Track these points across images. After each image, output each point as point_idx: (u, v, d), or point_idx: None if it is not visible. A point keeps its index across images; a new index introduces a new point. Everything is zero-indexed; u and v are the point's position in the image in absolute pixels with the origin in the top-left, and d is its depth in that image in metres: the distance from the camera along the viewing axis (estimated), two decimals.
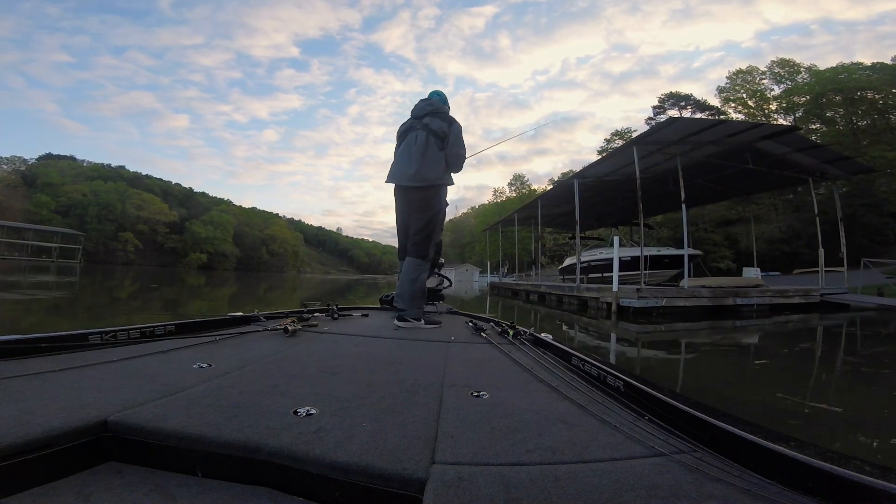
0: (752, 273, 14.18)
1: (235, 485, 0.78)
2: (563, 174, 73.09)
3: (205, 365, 1.37)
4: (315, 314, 2.80)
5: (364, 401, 1.08)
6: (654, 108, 46.48)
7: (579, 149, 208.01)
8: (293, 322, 2.20)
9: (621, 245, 16.92)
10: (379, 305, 3.64)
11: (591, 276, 16.37)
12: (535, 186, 79.08)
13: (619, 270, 13.68)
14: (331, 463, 0.74)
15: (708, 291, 9.93)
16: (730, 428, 0.84)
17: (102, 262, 65.60)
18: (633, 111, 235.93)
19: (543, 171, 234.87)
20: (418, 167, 2.68)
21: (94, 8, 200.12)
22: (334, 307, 2.98)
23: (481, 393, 1.21)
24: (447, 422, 0.97)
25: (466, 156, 2.91)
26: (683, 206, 11.21)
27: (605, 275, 14.59)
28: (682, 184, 10.79)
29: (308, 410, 0.97)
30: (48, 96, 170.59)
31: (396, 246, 3.11)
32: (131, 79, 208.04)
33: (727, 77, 44.93)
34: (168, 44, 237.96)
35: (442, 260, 3.57)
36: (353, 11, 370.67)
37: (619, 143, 47.18)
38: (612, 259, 14.39)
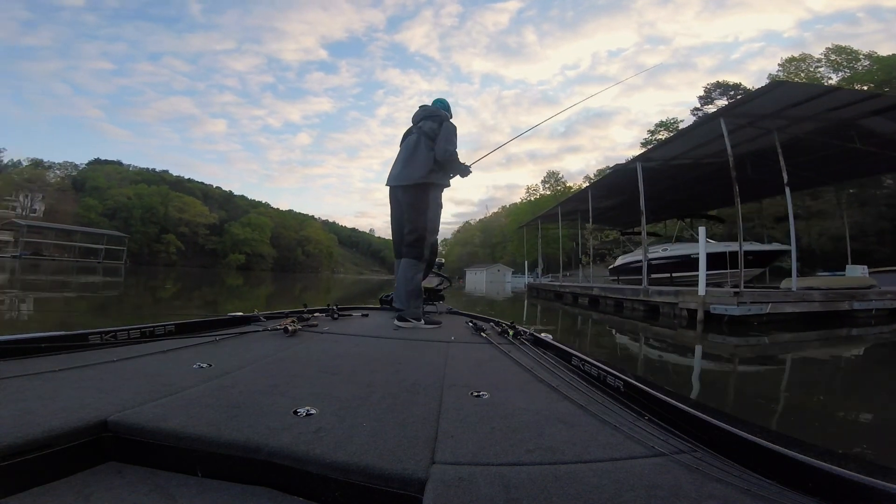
0: (858, 272, 11.94)
1: (235, 485, 0.79)
2: (599, 171, 70.12)
3: (205, 365, 1.39)
4: (315, 314, 2.83)
5: (364, 401, 1.10)
6: (700, 98, 43.89)
7: (613, 145, 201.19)
8: (293, 322, 2.22)
9: (662, 243, 14.96)
10: (379, 305, 3.65)
11: (651, 276, 14.59)
12: (569, 184, 76.15)
13: (686, 270, 11.83)
14: (331, 463, 0.75)
15: (820, 294, 8.42)
16: (730, 428, 0.85)
17: (146, 263, 69.22)
18: (669, 105, 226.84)
19: (576, 168, 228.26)
20: (403, 166, 2.82)
21: (128, 15, 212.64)
22: (334, 307, 3.02)
23: (481, 393, 1.22)
24: (447, 422, 0.98)
25: (486, 154, 3.27)
26: (787, 189, 9.34)
27: (674, 275, 12.64)
28: (782, 164, 8.86)
29: (308, 410, 0.99)
30: (92, 103, 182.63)
31: None
32: (169, 84, 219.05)
33: (779, 65, 42.10)
34: (201, 49, 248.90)
35: (442, 260, 3.57)
36: (377, 11, 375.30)
37: (664, 134, 44.44)
38: (680, 256, 12.64)
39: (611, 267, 19.30)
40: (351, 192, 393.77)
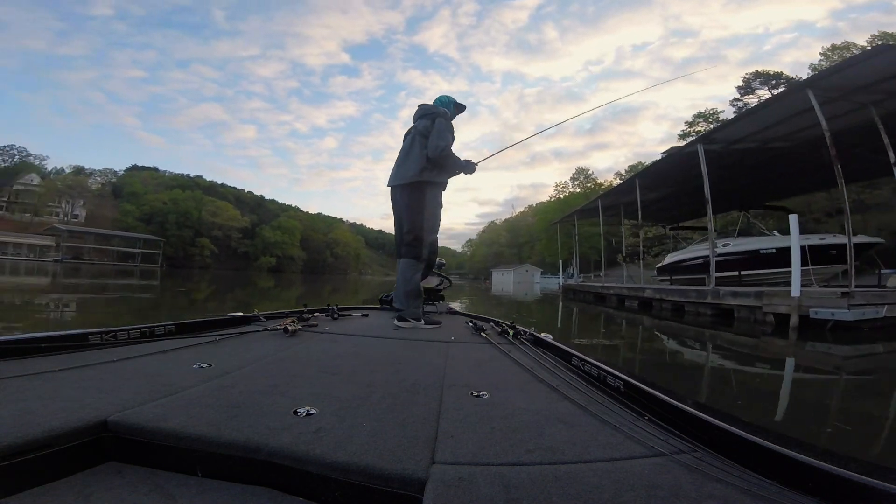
0: None
1: (235, 485, 0.80)
2: (631, 167, 67.86)
3: (205, 365, 1.41)
4: (315, 314, 2.83)
5: (364, 401, 1.11)
6: (739, 88, 41.42)
7: (642, 141, 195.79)
8: (293, 322, 2.23)
9: (722, 237, 13.41)
10: (379, 305, 3.66)
11: (693, 276, 13.21)
12: (599, 180, 73.93)
13: (755, 268, 10.42)
14: (331, 463, 0.76)
15: None
16: (730, 428, 0.84)
17: (181, 266, 71.75)
18: (700, 99, 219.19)
19: (604, 165, 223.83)
20: (399, 166, 2.85)
21: (154, 23, 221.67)
22: (334, 307, 3.03)
23: (481, 393, 1.22)
24: (447, 422, 0.98)
25: (494, 153, 3.45)
26: None
27: (743, 273, 11.12)
28: (887, 142, 7.44)
29: (308, 410, 1.00)
30: (128, 111, 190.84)
31: (448, 248, 3.81)
32: (199, 91, 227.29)
33: (821, 54, 39.70)
34: (227, 55, 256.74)
35: (442, 260, 3.49)
36: (395, 13, 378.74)
37: (703, 126, 42.16)
38: (747, 252, 11.26)
39: (659, 266, 17.73)
40: (377, 195, 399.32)
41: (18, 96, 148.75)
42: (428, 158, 2.76)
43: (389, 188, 2.99)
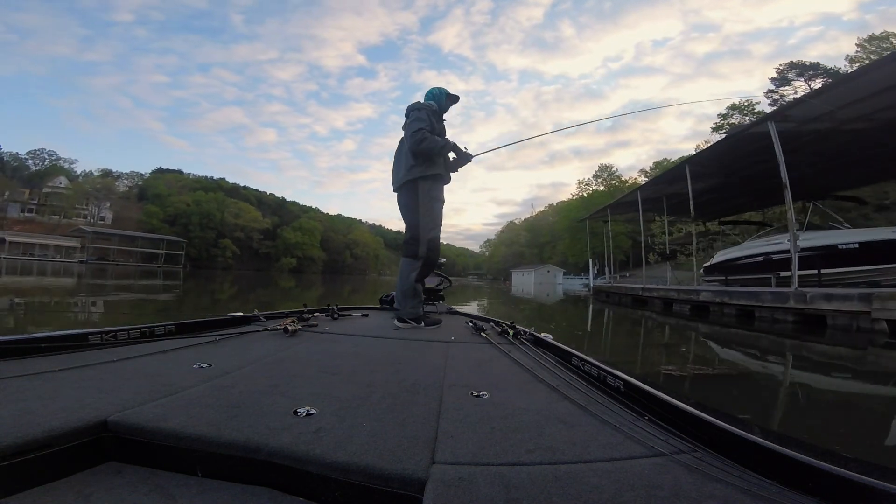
0: None
1: (235, 485, 0.81)
2: (656, 163, 65.82)
3: (205, 365, 1.43)
4: (315, 314, 2.87)
5: (364, 401, 1.12)
6: (773, 79, 39.58)
7: (665, 138, 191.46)
8: (293, 322, 2.27)
9: (780, 232, 11.98)
10: (379, 305, 3.65)
11: (752, 276, 11.79)
12: (624, 177, 71.89)
13: (834, 266, 9.10)
14: (331, 463, 0.77)
15: None
16: (730, 428, 0.84)
17: (205, 266, 72.93)
18: (724, 95, 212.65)
19: (626, 163, 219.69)
20: (394, 171, 2.91)
21: (174, 28, 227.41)
22: (334, 307, 3.08)
23: (481, 393, 1.22)
24: (447, 422, 0.99)
25: (493, 148, 3.21)
26: None
27: (824, 272, 9.64)
28: None
29: (308, 410, 1.01)
30: (153, 115, 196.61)
31: (466, 248, 3.89)
32: (220, 95, 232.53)
33: (857, 45, 37.93)
34: (246, 59, 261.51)
35: (443, 259, 3.38)
36: (409, 14, 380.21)
37: (737, 118, 40.09)
38: (822, 248, 9.88)
39: (707, 265, 16.18)
40: (395, 196, 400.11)
41: (48, 101, 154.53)
42: (412, 154, 2.77)
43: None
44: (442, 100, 3.06)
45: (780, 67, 39.63)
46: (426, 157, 2.78)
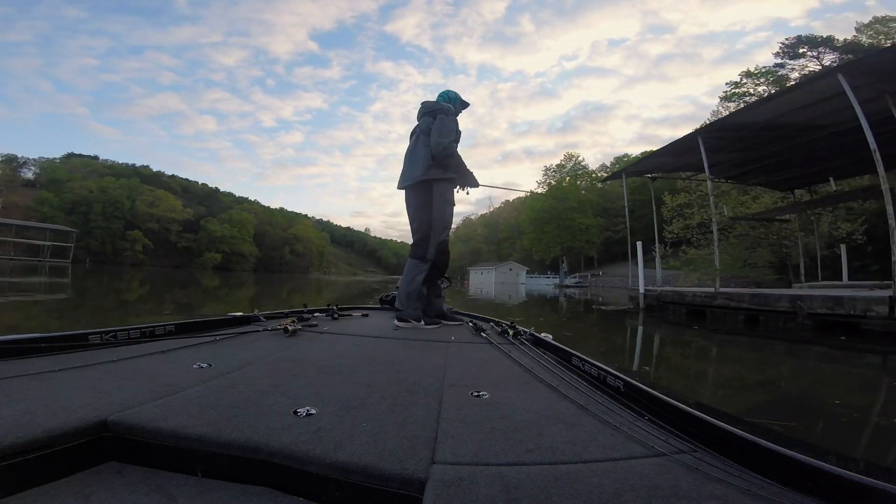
0: None
1: (235, 485, 0.81)
2: (603, 165, 66.61)
3: (205, 365, 1.44)
4: (315, 314, 2.90)
5: (364, 401, 1.13)
6: (776, 54, 39.71)
7: (613, 141, 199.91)
8: (293, 322, 2.27)
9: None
10: (379, 305, 3.72)
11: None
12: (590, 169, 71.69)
13: None
14: (331, 463, 0.78)
15: None
16: (730, 428, 0.86)
17: (110, 262, 63.78)
18: (672, 98, 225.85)
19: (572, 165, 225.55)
20: (407, 168, 2.87)
21: (110, 7, 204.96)
22: (334, 307, 3.10)
23: (481, 393, 1.25)
24: (447, 422, 1.00)
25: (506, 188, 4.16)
26: None
27: None
28: None
29: (308, 410, 1.02)
30: (78, 100, 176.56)
31: None
32: (154, 80, 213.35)
33: (856, 29, 38.69)
34: (186, 41, 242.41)
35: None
36: (369, 0, 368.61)
37: (750, 86, 39.43)
38: None
39: None
40: (347, 192, 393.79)
41: None
42: (433, 157, 2.75)
43: (404, 192, 3.00)
44: (457, 103, 3.08)
45: (784, 43, 38.88)
46: (443, 165, 2.79)
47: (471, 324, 2.77)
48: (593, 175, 67.25)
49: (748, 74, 41.96)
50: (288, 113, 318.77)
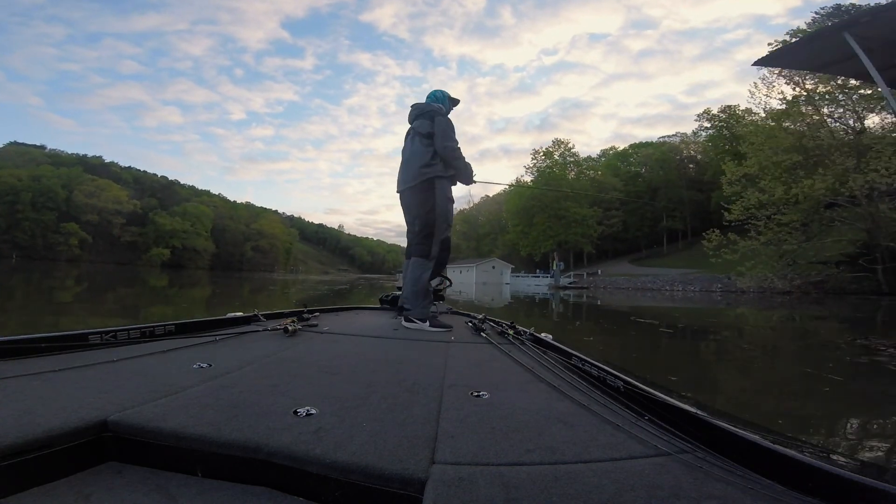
0: None
1: (235, 485, 0.82)
2: (604, 151, 64.41)
3: (205, 365, 1.45)
4: (315, 314, 2.93)
5: (364, 401, 1.14)
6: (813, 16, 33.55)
7: (589, 140, 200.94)
8: (293, 322, 2.30)
9: None
10: (379, 305, 3.77)
11: None
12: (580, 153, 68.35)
13: None
14: (331, 463, 0.79)
15: None
16: (730, 428, 0.87)
17: (41, 258, 57.28)
18: (650, 97, 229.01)
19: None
20: (405, 169, 2.95)
21: None
22: (335, 307, 3.24)
23: (481, 393, 1.26)
24: (447, 422, 1.01)
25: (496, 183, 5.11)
26: None
27: None
28: None
29: (308, 410, 1.03)
30: (30, 90, 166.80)
31: (403, 245, 3.34)
32: (114, 69, 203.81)
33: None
34: (149, 29, 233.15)
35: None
36: None
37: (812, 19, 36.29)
38: None
39: None
40: (320, 189, 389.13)
41: None
42: (435, 154, 2.82)
43: (399, 194, 3.05)
44: (446, 103, 3.16)
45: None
46: (447, 164, 2.87)
47: (470, 324, 2.82)
48: (583, 163, 64.57)
49: (797, 31, 37.03)
50: (258, 105, 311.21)
